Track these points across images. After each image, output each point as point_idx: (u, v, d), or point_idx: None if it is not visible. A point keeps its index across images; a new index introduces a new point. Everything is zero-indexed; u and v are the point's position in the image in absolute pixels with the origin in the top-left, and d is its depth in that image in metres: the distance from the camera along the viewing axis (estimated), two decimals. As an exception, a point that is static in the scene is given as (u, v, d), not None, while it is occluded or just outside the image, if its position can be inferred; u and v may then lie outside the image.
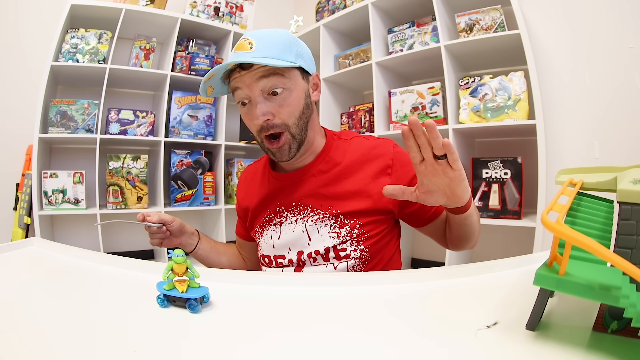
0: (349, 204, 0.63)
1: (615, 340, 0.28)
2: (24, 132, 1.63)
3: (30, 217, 1.58)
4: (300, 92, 0.61)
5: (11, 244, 0.61)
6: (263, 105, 0.58)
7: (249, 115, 0.60)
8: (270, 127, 0.59)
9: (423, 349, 0.30)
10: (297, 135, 0.61)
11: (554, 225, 0.26)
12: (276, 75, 0.57)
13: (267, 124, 0.59)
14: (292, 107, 0.60)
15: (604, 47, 1.31)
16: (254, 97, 0.58)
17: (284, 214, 0.67)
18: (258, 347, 0.30)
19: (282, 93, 0.58)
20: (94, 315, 0.36)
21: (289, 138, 0.60)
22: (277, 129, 0.59)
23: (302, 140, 0.62)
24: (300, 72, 0.61)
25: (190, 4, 1.89)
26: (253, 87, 0.57)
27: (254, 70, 0.57)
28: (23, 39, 1.71)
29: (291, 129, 0.60)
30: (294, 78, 0.60)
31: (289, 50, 0.59)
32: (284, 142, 0.60)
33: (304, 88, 0.62)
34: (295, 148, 0.61)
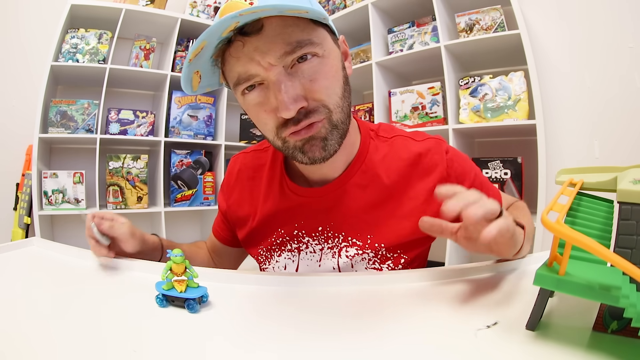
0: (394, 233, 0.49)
1: (615, 341, 0.28)
2: (24, 132, 1.63)
3: (30, 217, 1.58)
4: (336, 60, 0.43)
5: (11, 244, 0.61)
6: (291, 87, 0.38)
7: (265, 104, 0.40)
8: (304, 116, 0.40)
9: (423, 348, 0.30)
10: (339, 123, 0.42)
11: (553, 225, 0.26)
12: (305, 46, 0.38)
13: (300, 113, 0.39)
14: (330, 81, 0.41)
15: (603, 47, 1.31)
16: (274, 77, 0.39)
17: (305, 239, 0.52)
18: (258, 347, 0.30)
19: (312, 61, 0.40)
20: (94, 315, 0.36)
21: (327, 127, 0.41)
22: (318, 115, 0.40)
23: (344, 132, 0.44)
24: (328, 31, 0.43)
25: (190, 4, 1.89)
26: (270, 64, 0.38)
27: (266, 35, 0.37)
28: (23, 39, 1.70)
29: (333, 115, 0.41)
30: (325, 40, 0.41)
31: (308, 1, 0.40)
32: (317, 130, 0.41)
33: (338, 54, 0.44)
34: (335, 141, 0.42)
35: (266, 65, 0.38)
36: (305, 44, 0.39)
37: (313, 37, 0.40)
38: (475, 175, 0.55)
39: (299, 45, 0.38)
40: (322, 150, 0.42)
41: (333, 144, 0.43)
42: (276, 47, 0.38)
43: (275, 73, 0.39)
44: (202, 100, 1.89)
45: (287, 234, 0.53)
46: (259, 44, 0.38)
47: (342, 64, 0.45)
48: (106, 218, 0.51)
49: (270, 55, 0.38)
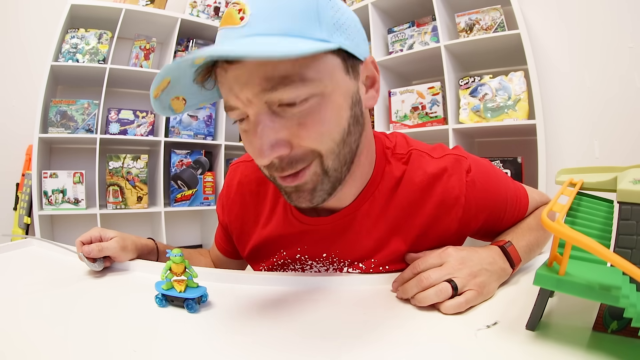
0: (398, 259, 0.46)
1: (615, 340, 0.28)
2: (24, 132, 1.63)
3: (30, 217, 1.58)
4: (341, 97, 0.35)
5: (11, 243, 0.61)
6: (270, 131, 0.33)
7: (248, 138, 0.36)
8: (287, 165, 0.35)
9: (423, 348, 0.30)
10: (332, 170, 0.36)
11: (553, 225, 0.26)
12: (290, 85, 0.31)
13: (282, 160, 0.34)
14: (327, 126, 0.34)
15: (603, 47, 1.31)
16: (252, 115, 0.34)
17: (308, 262, 0.50)
18: (257, 348, 0.30)
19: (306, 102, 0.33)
20: (94, 315, 0.36)
21: (317, 173, 0.36)
22: (302, 163, 0.35)
23: (338, 180, 0.38)
24: (341, 59, 0.35)
25: (190, 4, 1.89)
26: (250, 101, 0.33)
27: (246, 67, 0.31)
28: (23, 39, 1.70)
29: (325, 159, 0.35)
30: (329, 72, 0.33)
31: (315, 19, 0.32)
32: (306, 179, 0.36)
33: (349, 89, 0.36)
34: (325, 192, 0.37)
35: (244, 100, 0.33)
36: (293, 81, 0.31)
37: (309, 71, 0.32)
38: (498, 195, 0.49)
39: (282, 82, 0.31)
40: (309, 201, 0.37)
41: (322, 194, 0.37)
42: (255, 80, 0.31)
43: (254, 111, 0.33)
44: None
45: (289, 256, 0.50)
46: (239, 74, 0.32)
47: (353, 99, 0.37)
48: (94, 239, 0.49)
49: (248, 89, 0.32)
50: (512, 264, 0.43)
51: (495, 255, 0.42)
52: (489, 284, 0.38)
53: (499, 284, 0.41)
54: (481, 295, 0.37)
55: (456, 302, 0.35)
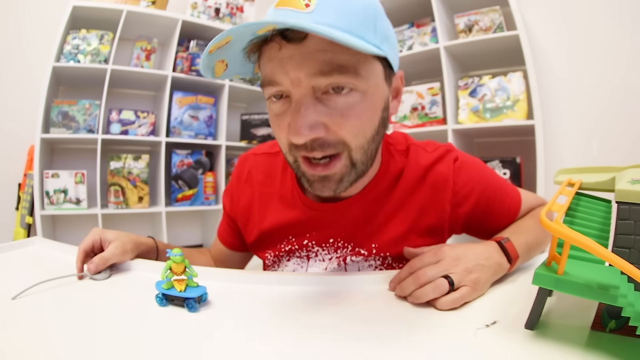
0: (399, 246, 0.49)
1: (613, 339, 0.28)
2: (25, 132, 1.63)
3: (32, 217, 1.58)
4: (379, 100, 0.39)
5: (13, 243, 0.61)
6: (312, 112, 0.35)
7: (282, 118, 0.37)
8: (319, 146, 0.36)
9: (422, 348, 0.30)
10: (359, 163, 0.39)
11: (552, 225, 0.26)
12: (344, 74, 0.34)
13: (315, 142, 0.36)
14: (363, 121, 0.37)
15: (602, 48, 1.31)
16: (297, 96, 0.35)
17: (314, 249, 0.52)
18: (257, 347, 0.31)
19: (350, 95, 0.35)
20: (95, 314, 0.36)
21: (347, 165, 0.38)
22: (329, 150, 0.37)
23: (363, 172, 0.41)
24: (382, 66, 0.38)
25: (191, 5, 1.89)
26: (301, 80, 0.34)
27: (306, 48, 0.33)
28: (25, 40, 1.71)
29: (353, 153, 0.38)
30: (374, 76, 0.37)
31: (372, 26, 0.35)
32: (336, 170, 0.38)
33: (384, 94, 0.39)
34: (349, 182, 0.40)
35: (294, 78, 0.34)
36: (346, 69, 0.34)
37: (361, 68, 0.35)
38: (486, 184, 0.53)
39: (339, 69, 0.34)
40: (334, 191, 0.39)
41: (346, 184, 0.40)
42: (312, 63, 0.33)
43: (300, 92, 0.35)
44: (202, 100, 1.90)
45: (297, 243, 0.52)
46: (295, 54, 0.33)
47: (385, 104, 0.40)
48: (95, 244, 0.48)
49: (302, 70, 0.34)
50: (509, 259, 0.43)
51: (492, 250, 0.43)
52: (483, 279, 0.39)
53: (495, 278, 0.41)
54: (476, 291, 0.38)
55: (452, 297, 0.36)
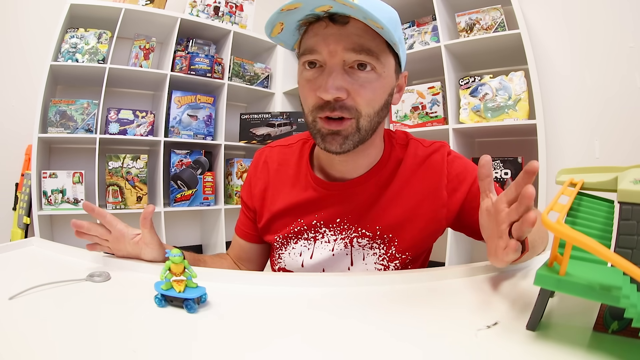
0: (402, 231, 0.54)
1: (615, 341, 0.28)
2: (23, 132, 1.63)
3: (29, 217, 1.58)
4: (387, 85, 0.49)
5: (10, 244, 0.61)
6: (339, 78, 0.44)
7: (313, 83, 0.46)
8: (337, 107, 0.46)
9: (423, 348, 0.29)
10: (363, 129, 0.48)
11: (554, 225, 0.26)
12: (369, 55, 0.45)
13: (336, 102, 0.45)
14: (375, 96, 0.47)
15: (604, 47, 1.31)
16: (331, 64, 0.45)
17: (322, 230, 0.56)
18: (257, 348, 0.30)
19: (369, 73, 0.46)
20: (94, 315, 0.36)
21: (353, 127, 0.47)
22: (345, 113, 0.46)
23: (364, 139, 0.50)
24: (395, 62, 0.50)
25: (189, 4, 1.88)
26: (337, 52, 0.44)
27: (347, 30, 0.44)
28: (22, 39, 1.70)
29: (361, 119, 0.47)
30: (388, 66, 0.48)
31: (394, 28, 0.45)
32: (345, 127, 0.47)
33: (392, 83, 0.50)
34: (353, 142, 0.48)
35: (332, 50, 0.45)
36: (372, 53, 0.45)
37: (381, 55, 0.46)
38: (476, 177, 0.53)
39: (365, 51, 0.44)
40: (340, 146, 0.48)
41: (350, 144, 0.48)
42: (348, 41, 0.44)
43: (334, 61, 0.45)
44: (201, 100, 1.89)
45: (306, 223, 0.57)
46: (337, 33, 0.44)
47: (391, 90, 0.51)
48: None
49: (339, 44, 0.44)
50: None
51: None
52: None
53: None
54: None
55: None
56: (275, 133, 1.98)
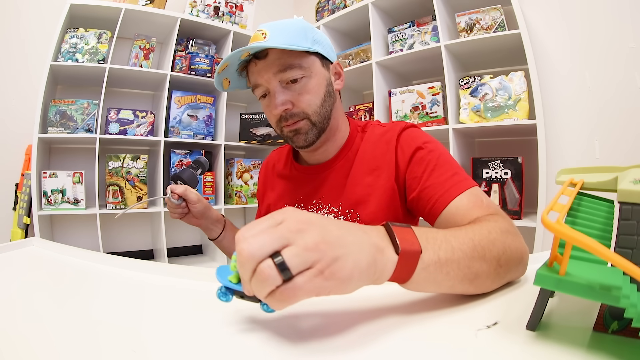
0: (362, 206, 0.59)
1: (615, 341, 0.28)
2: (23, 131, 1.63)
3: (29, 217, 1.58)
4: (321, 79, 0.59)
5: (10, 244, 0.61)
6: (281, 95, 0.56)
7: (268, 106, 0.59)
8: (289, 117, 0.57)
9: (423, 348, 0.29)
10: (318, 123, 0.59)
11: (554, 225, 0.26)
12: (293, 69, 0.55)
13: (286, 113, 0.57)
14: (312, 95, 0.57)
15: (604, 47, 1.31)
16: (272, 88, 0.56)
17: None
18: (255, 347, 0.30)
19: (301, 81, 0.56)
20: (94, 315, 0.36)
21: (308, 124, 0.58)
22: (297, 118, 0.57)
23: (322, 129, 0.60)
24: (319, 59, 0.59)
25: (189, 4, 1.88)
26: (271, 79, 0.56)
27: (269, 59, 0.55)
28: (23, 39, 1.70)
29: (311, 117, 0.58)
30: (312, 65, 0.58)
31: (304, 36, 0.56)
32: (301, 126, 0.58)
33: (325, 75, 0.60)
34: (313, 134, 0.59)
35: (267, 79, 0.56)
36: (294, 67, 0.55)
37: (303, 62, 0.56)
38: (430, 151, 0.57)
39: (289, 67, 0.55)
40: (304, 140, 0.59)
41: (311, 136, 0.59)
42: (273, 67, 0.55)
43: (273, 85, 0.56)
44: (201, 100, 1.89)
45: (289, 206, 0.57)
46: (264, 65, 0.56)
47: (327, 81, 0.60)
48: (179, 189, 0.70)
49: (269, 72, 0.56)
50: (396, 248, 0.30)
51: (372, 229, 0.31)
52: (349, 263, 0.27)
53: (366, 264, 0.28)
54: (327, 280, 0.25)
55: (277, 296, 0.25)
56: (274, 133, 1.98)
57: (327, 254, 0.25)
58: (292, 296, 0.25)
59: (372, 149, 0.62)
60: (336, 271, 0.26)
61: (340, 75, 0.64)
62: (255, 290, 0.25)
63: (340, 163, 0.64)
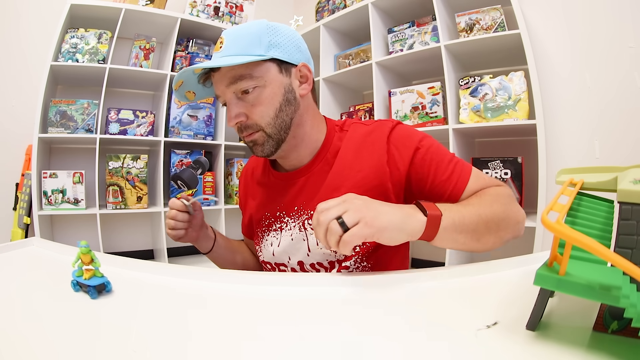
0: None
1: (615, 341, 0.28)
2: (23, 132, 1.63)
3: (29, 217, 1.58)
4: (276, 88, 0.55)
5: (11, 244, 0.61)
6: (234, 107, 0.55)
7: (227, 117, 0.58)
8: (244, 129, 0.56)
9: (423, 348, 0.29)
10: (273, 135, 0.56)
11: (554, 225, 0.26)
12: (243, 79, 0.53)
13: (241, 125, 0.56)
14: (265, 106, 0.54)
15: (604, 47, 1.31)
16: (227, 100, 0.56)
17: (285, 219, 0.61)
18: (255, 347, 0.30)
19: (254, 91, 0.54)
20: (94, 316, 0.36)
21: (263, 136, 0.56)
22: (251, 130, 0.56)
23: (280, 140, 0.57)
24: (276, 64, 0.55)
25: (190, 4, 1.89)
26: (225, 91, 0.55)
27: (221, 72, 0.54)
28: (23, 39, 1.70)
29: (265, 129, 0.55)
30: (266, 73, 0.54)
31: (257, 43, 0.53)
32: (256, 138, 0.56)
33: (282, 82, 0.56)
34: (271, 146, 0.57)
35: (222, 90, 0.56)
36: (245, 77, 0.53)
37: (254, 72, 0.54)
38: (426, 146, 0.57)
39: (239, 79, 0.54)
40: (261, 151, 0.57)
41: (268, 147, 0.57)
42: (225, 79, 0.54)
43: (228, 97, 0.56)
44: (201, 100, 1.89)
45: (272, 216, 0.63)
46: (218, 77, 0.56)
47: (286, 89, 0.56)
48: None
49: (222, 84, 0.55)
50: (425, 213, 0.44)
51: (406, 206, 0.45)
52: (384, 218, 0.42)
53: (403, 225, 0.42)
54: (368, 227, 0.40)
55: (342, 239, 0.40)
56: (275, 133, 1.98)
57: (368, 213, 0.41)
58: (350, 240, 0.40)
59: (356, 149, 0.59)
60: (375, 222, 0.41)
61: (307, 78, 0.59)
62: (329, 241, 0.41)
63: (318, 166, 0.60)
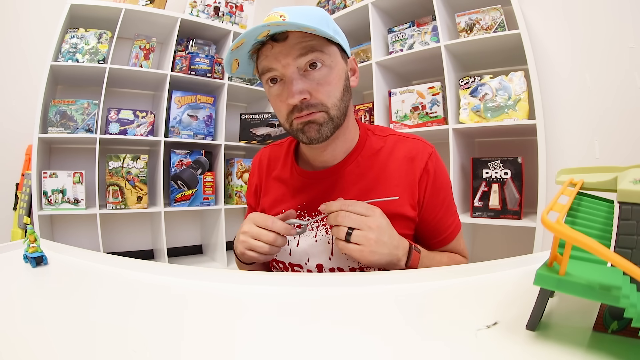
0: None
1: (615, 341, 0.28)
2: (23, 131, 1.63)
3: (29, 217, 1.58)
4: (341, 72, 0.54)
5: (10, 244, 0.61)
6: (300, 83, 0.50)
7: (280, 95, 0.53)
8: (305, 107, 0.51)
9: (423, 348, 0.29)
10: (335, 117, 0.53)
11: (554, 225, 0.26)
12: (315, 52, 0.50)
13: (303, 103, 0.51)
14: (333, 87, 0.52)
15: (604, 47, 1.31)
16: (288, 74, 0.51)
17: (306, 218, 0.59)
18: (255, 347, 0.30)
19: (322, 69, 0.51)
20: (94, 316, 0.36)
21: (325, 117, 0.53)
22: (314, 109, 0.52)
23: (338, 125, 0.55)
24: (339, 49, 0.55)
25: (190, 4, 1.89)
26: (289, 64, 0.50)
27: (289, 43, 0.49)
28: (23, 39, 1.71)
29: (330, 110, 0.53)
30: (334, 55, 0.53)
31: (326, 24, 0.52)
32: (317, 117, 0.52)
33: (344, 68, 0.55)
34: (329, 128, 0.53)
35: (285, 64, 0.51)
36: (316, 48, 0.50)
37: (326, 49, 0.52)
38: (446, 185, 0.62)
39: (311, 50, 0.50)
40: (317, 132, 0.53)
41: (326, 130, 0.53)
42: (293, 51, 0.50)
43: (290, 71, 0.51)
44: (201, 100, 1.89)
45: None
46: (283, 49, 0.50)
47: (346, 75, 0.56)
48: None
49: (289, 56, 0.50)
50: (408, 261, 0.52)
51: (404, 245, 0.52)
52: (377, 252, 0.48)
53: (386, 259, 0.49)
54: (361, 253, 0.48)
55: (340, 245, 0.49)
56: (275, 133, 1.98)
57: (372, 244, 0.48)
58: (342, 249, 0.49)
59: (398, 165, 0.58)
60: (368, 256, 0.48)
61: (355, 71, 0.59)
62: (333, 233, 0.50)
63: (349, 168, 0.59)
